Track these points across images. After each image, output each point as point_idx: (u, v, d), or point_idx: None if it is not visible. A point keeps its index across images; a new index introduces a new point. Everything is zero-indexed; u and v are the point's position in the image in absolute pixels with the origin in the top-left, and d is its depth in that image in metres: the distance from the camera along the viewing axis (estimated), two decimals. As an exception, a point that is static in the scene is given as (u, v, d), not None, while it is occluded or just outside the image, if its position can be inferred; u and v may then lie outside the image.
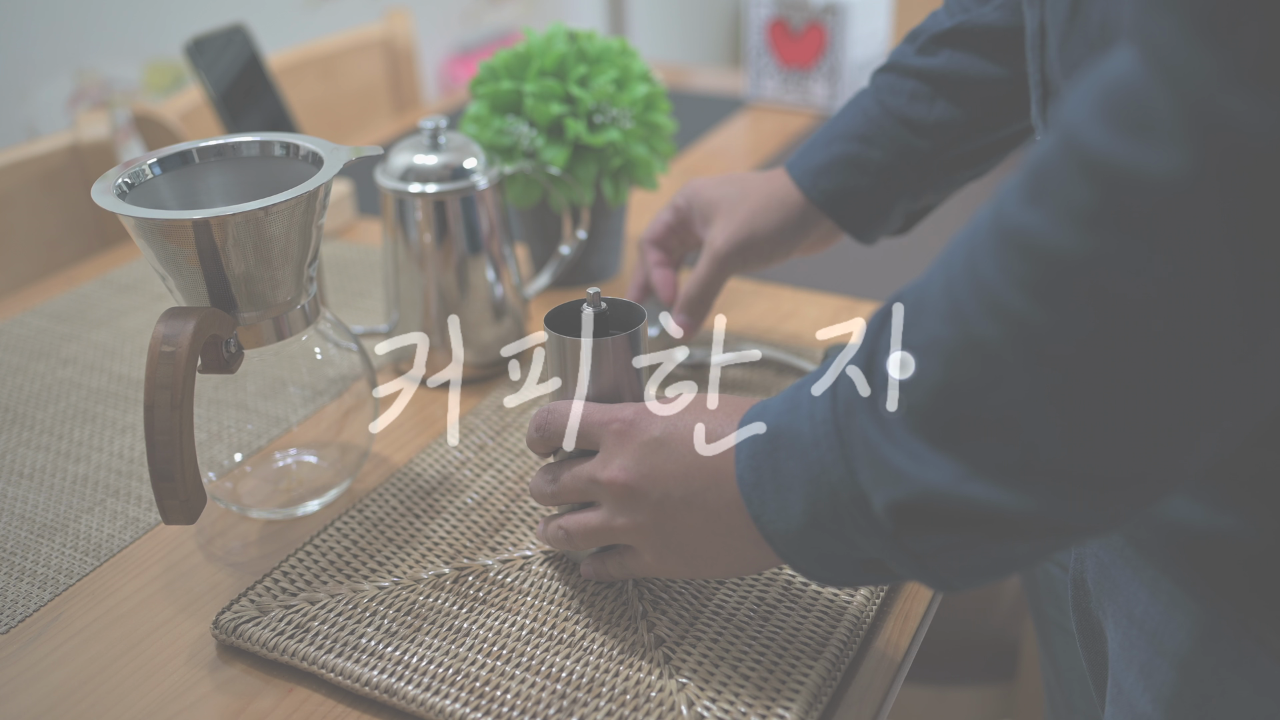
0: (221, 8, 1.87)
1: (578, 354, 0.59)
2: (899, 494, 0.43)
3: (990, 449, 0.41)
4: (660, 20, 3.10)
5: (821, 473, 0.46)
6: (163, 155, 0.66)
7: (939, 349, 0.41)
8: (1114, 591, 0.57)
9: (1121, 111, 0.35)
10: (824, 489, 0.46)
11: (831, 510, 0.46)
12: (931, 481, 0.42)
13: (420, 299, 0.82)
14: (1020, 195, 0.39)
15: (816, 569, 0.49)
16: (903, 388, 0.43)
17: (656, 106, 0.95)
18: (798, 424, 0.48)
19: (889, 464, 0.43)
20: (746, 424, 0.51)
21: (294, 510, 0.71)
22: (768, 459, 0.49)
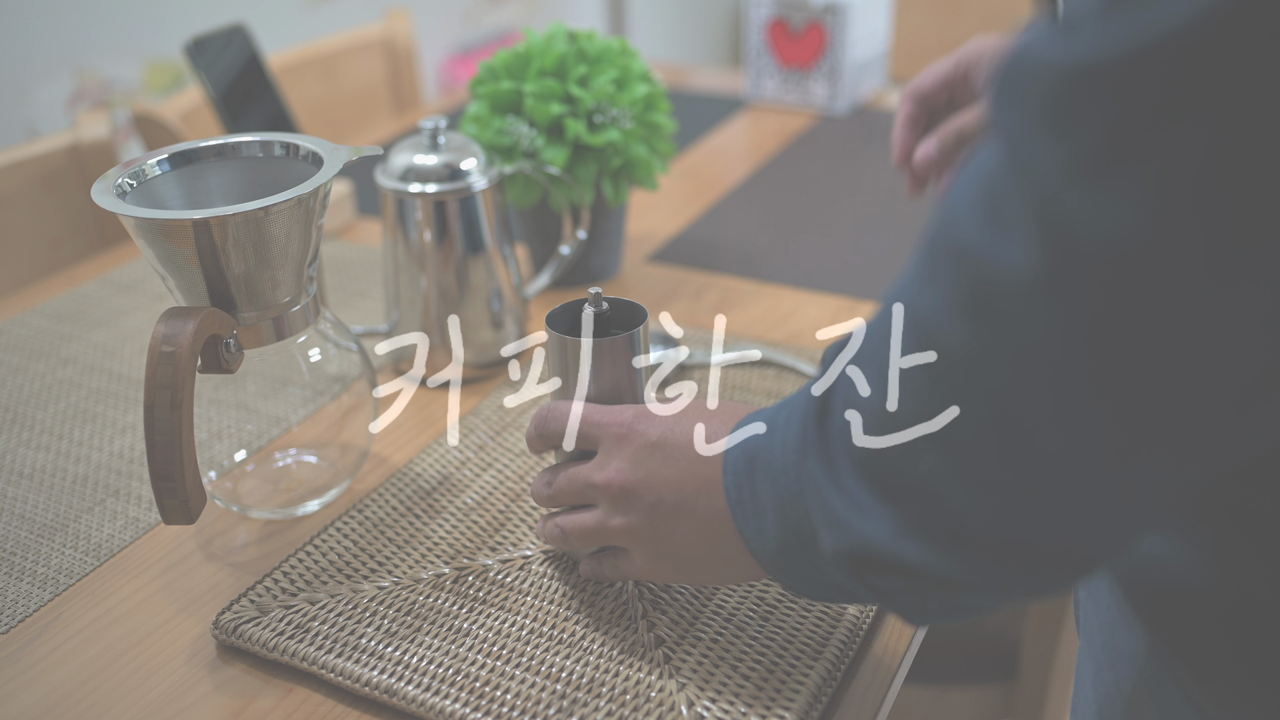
0: (221, 8, 1.87)
1: (578, 354, 0.59)
2: (841, 542, 0.43)
3: (923, 510, 0.41)
4: (660, 20, 3.10)
5: (789, 502, 0.47)
6: (163, 155, 0.66)
7: (871, 408, 0.42)
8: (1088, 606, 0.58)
9: (987, 203, 0.35)
10: (791, 518, 0.47)
11: (798, 539, 0.47)
12: (868, 534, 0.42)
13: (420, 299, 0.82)
14: (920, 273, 0.39)
15: (798, 586, 0.50)
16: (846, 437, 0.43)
17: (656, 106, 0.95)
18: (772, 447, 0.48)
19: (832, 510, 0.44)
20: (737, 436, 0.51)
21: (294, 510, 0.71)
22: (746, 478, 0.49)
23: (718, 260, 1.04)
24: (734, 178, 1.24)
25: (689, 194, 1.20)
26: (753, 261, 1.04)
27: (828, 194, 1.19)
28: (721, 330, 0.90)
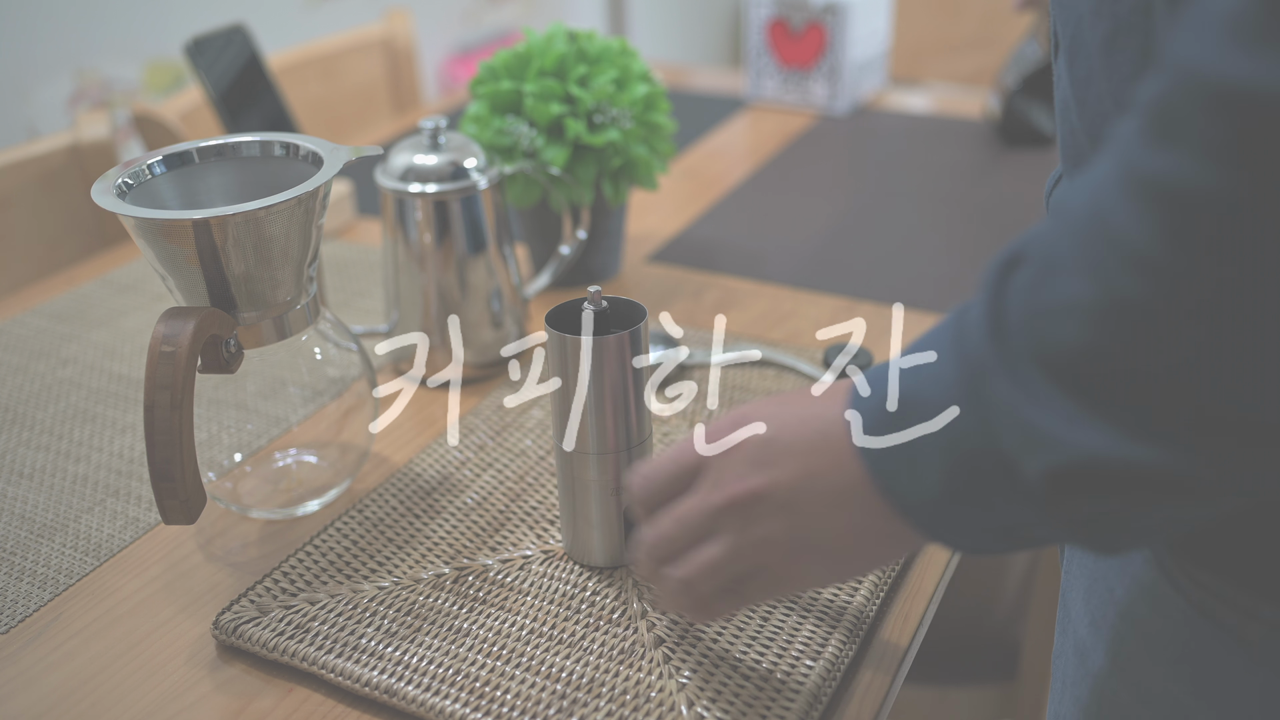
0: (221, 8, 1.87)
1: (579, 353, 0.59)
2: (1054, 460, 0.39)
3: (1150, 410, 0.38)
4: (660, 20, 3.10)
5: (958, 440, 0.42)
6: (163, 155, 0.66)
7: (1081, 311, 0.38)
8: None
9: (1248, 30, 0.33)
10: (962, 458, 0.43)
11: (971, 480, 0.43)
12: (1091, 446, 0.38)
13: (420, 299, 0.82)
14: (1146, 141, 0.36)
15: (957, 538, 0.45)
16: (1038, 351, 0.40)
17: (656, 106, 0.95)
18: (923, 390, 0.44)
19: (1038, 429, 0.39)
20: (856, 390, 0.47)
21: (294, 510, 0.71)
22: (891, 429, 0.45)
23: (718, 260, 1.04)
24: (734, 178, 1.24)
25: (689, 194, 1.20)
26: (753, 261, 1.04)
27: (828, 194, 1.19)
28: (721, 330, 0.90)
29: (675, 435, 0.76)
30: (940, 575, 0.65)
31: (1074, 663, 0.58)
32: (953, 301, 0.95)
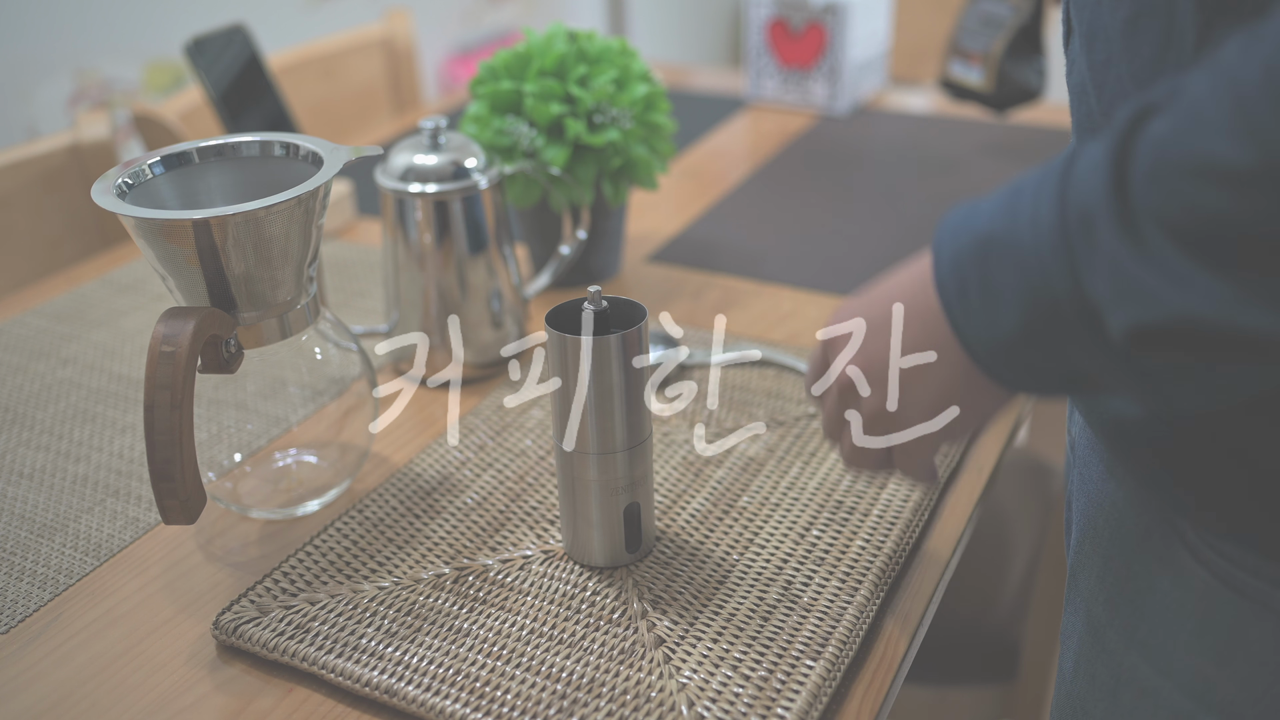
0: (221, 8, 1.87)
1: (579, 353, 0.59)
2: (1147, 316, 0.39)
3: (1274, 277, 0.37)
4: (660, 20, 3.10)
5: (1043, 284, 0.42)
6: (163, 155, 0.66)
7: (1231, 176, 0.36)
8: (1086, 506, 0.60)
9: None
10: (1044, 302, 0.42)
11: (1049, 325, 0.43)
12: (1194, 306, 0.38)
13: (420, 299, 0.82)
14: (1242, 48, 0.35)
15: (1021, 378, 0.46)
16: (1167, 210, 0.38)
17: (656, 106, 0.95)
18: (1017, 230, 0.43)
19: (1139, 283, 0.39)
20: (948, 229, 0.48)
21: (294, 510, 0.71)
22: (975, 266, 0.45)
23: (718, 260, 1.04)
24: (734, 178, 1.24)
25: (689, 194, 1.20)
26: (753, 261, 1.04)
27: (828, 194, 1.19)
28: (721, 330, 0.90)
29: (675, 435, 0.76)
30: (940, 575, 0.65)
31: (1088, 641, 0.58)
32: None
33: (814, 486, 0.71)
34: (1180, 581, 0.52)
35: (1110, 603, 0.56)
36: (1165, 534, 0.52)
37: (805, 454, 0.74)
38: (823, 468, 0.72)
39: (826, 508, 0.69)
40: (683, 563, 0.65)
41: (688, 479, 0.72)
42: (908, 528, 0.67)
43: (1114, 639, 0.56)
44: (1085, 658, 0.59)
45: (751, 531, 0.67)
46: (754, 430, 0.76)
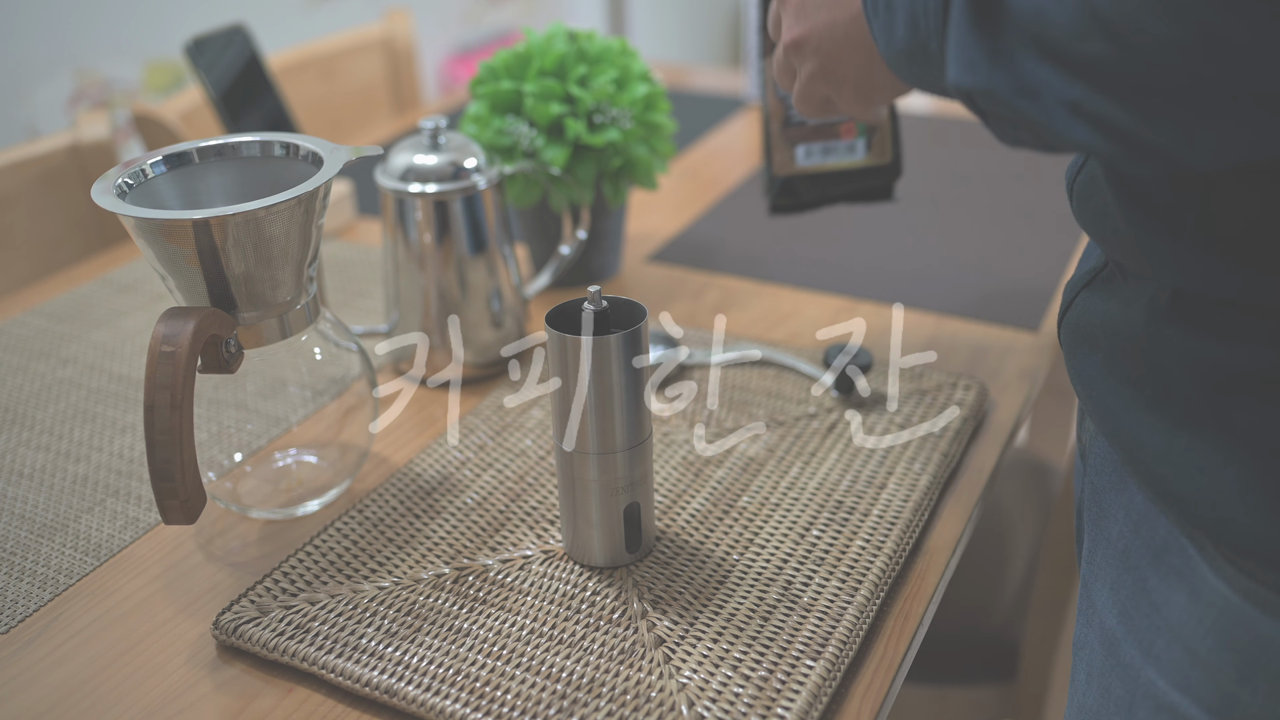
0: (221, 8, 1.87)
1: (579, 352, 0.59)
2: (966, 81, 0.46)
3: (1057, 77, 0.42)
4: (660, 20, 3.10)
5: (922, 14, 0.48)
6: (162, 155, 0.66)
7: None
8: (1099, 516, 0.59)
9: None
10: (919, 31, 0.49)
11: (923, 51, 0.49)
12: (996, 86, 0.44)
13: (420, 299, 0.82)
14: None
15: (915, 82, 0.53)
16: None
17: (656, 106, 0.95)
18: None
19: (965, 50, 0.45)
20: None
21: (294, 510, 0.71)
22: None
23: (718, 260, 1.04)
24: (734, 178, 1.24)
25: (689, 194, 1.20)
26: (753, 261, 1.04)
27: (828, 194, 1.19)
28: (721, 330, 0.90)
29: (675, 435, 0.77)
30: (940, 575, 0.66)
31: (1100, 654, 0.58)
32: (952, 301, 0.95)
33: (814, 486, 0.71)
34: (1199, 597, 0.51)
35: (1124, 615, 0.56)
36: (1182, 548, 0.52)
37: (805, 454, 0.74)
38: (823, 468, 0.72)
39: (826, 508, 0.69)
40: (683, 563, 0.65)
41: (688, 479, 0.72)
42: (908, 528, 0.67)
43: (1130, 652, 0.56)
44: (1099, 670, 0.58)
45: (751, 531, 0.67)
46: (754, 430, 0.76)
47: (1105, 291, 0.56)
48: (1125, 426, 0.53)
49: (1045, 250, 1.04)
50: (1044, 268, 1.00)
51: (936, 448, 0.74)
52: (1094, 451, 0.62)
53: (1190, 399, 0.50)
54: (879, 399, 0.79)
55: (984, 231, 1.08)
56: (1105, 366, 0.55)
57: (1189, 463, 0.50)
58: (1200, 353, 0.49)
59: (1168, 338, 0.50)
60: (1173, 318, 0.50)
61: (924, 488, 0.70)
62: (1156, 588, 0.53)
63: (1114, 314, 0.55)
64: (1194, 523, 0.50)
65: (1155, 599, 0.53)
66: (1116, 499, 0.57)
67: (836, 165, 0.83)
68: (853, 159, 0.83)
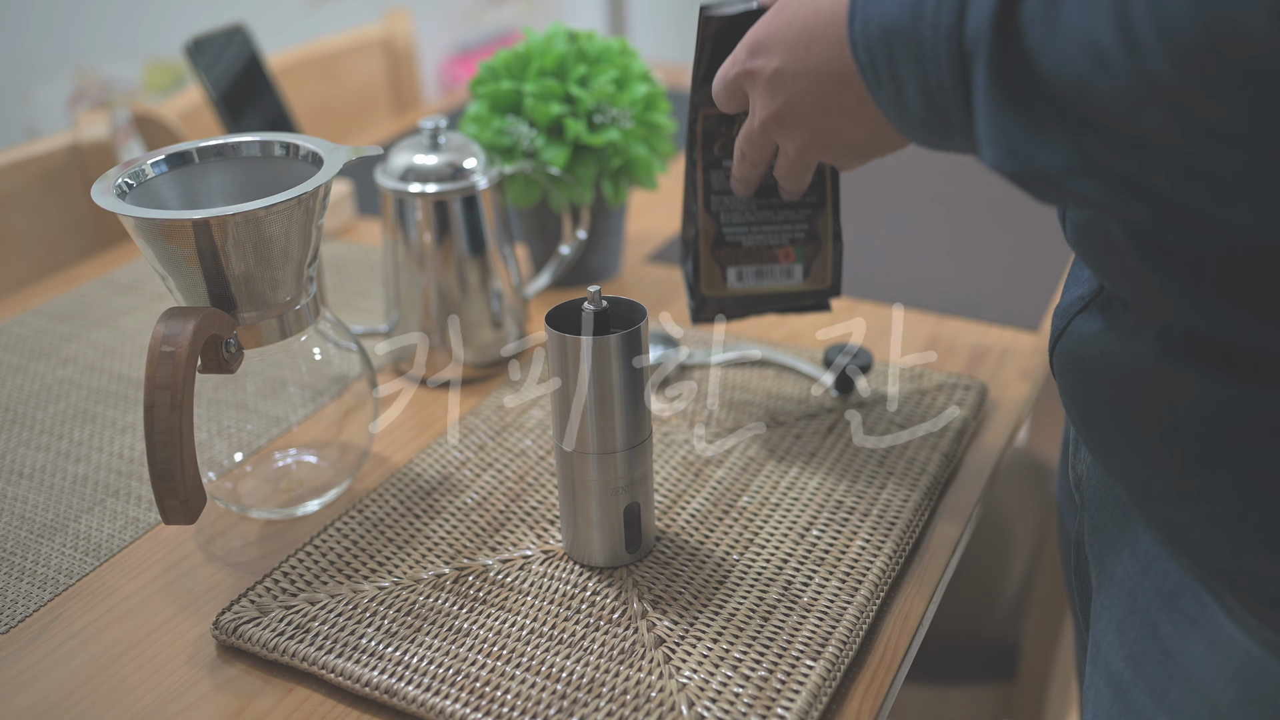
0: (221, 8, 1.87)
1: (579, 352, 0.59)
2: (1011, 167, 0.42)
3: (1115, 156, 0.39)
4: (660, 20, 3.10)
5: (939, 91, 0.44)
6: (162, 155, 0.66)
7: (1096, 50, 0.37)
8: (1102, 553, 0.57)
9: None
10: (938, 106, 0.45)
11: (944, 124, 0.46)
12: (1044, 165, 0.40)
13: (420, 299, 0.82)
14: None
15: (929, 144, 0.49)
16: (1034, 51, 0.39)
17: (656, 106, 0.95)
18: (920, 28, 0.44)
19: (1005, 132, 0.41)
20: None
21: (294, 510, 0.71)
22: (883, 51, 0.46)
23: (718, 260, 1.04)
24: (734, 178, 1.24)
25: (689, 194, 1.20)
26: (753, 261, 1.04)
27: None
28: (721, 330, 0.90)
29: (675, 435, 0.77)
30: (940, 575, 0.65)
31: (1108, 697, 0.55)
32: (952, 301, 0.95)
33: (814, 486, 0.71)
34: (1217, 648, 0.48)
35: (1133, 659, 0.53)
36: (1196, 594, 0.49)
37: (805, 454, 0.74)
38: (823, 468, 0.72)
39: (826, 508, 0.69)
40: (683, 563, 0.65)
41: (688, 479, 0.72)
42: (908, 528, 0.67)
43: (1140, 699, 0.53)
44: (1106, 714, 0.56)
45: (751, 531, 0.67)
46: (754, 430, 0.76)
47: (1104, 320, 0.53)
48: (1131, 466, 0.50)
49: (1045, 250, 1.04)
50: (1044, 268, 1.00)
51: (936, 448, 0.74)
52: (1091, 485, 0.59)
53: (1203, 439, 0.46)
54: (879, 399, 0.79)
55: (984, 231, 1.08)
56: (1106, 400, 0.52)
57: (1204, 508, 0.47)
58: (1218, 394, 0.46)
59: (1181, 376, 0.47)
60: (1187, 357, 0.47)
61: (924, 488, 0.70)
62: (1169, 634, 0.50)
63: (1116, 346, 0.51)
64: (1211, 572, 0.47)
65: (1168, 646, 0.51)
66: (1120, 537, 0.55)
67: (770, 288, 0.74)
68: (789, 283, 0.73)
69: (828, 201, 0.71)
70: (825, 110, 0.53)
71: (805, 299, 0.75)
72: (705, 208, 0.70)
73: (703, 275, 0.72)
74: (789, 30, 0.53)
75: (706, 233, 0.71)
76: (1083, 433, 0.54)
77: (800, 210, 0.71)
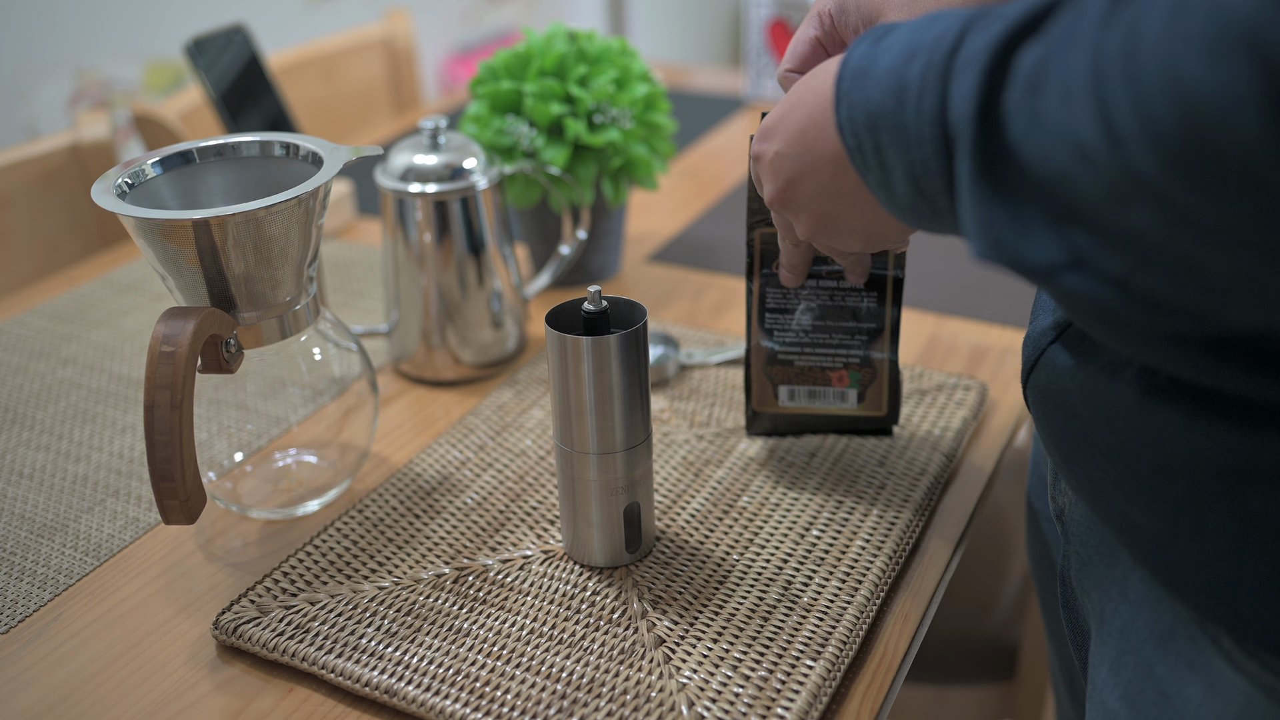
0: (221, 8, 1.87)
1: (579, 352, 0.59)
2: (993, 257, 0.41)
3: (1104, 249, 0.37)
4: (660, 20, 3.10)
5: (924, 178, 0.44)
6: (163, 155, 0.66)
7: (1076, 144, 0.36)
8: (1092, 589, 0.56)
9: None
10: (925, 191, 0.44)
11: (931, 209, 0.45)
12: (1031, 259, 0.39)
13: (420, 299, 0.82)
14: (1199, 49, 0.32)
15: (923, 227, 0.48)
16: (1018, 143, 0.38)
17: (656, 106, 0.95)
18: (904, 115, 0.44)
19: (988, 223, 0.40)
20: (846, 77, 0.47)
21: (294, 510, 0.71)
22: (869, 136, 0.46)
23: (718, 260, 1.04)
24: (734, 178, 1.24)
25: (689, 194, 1.20)
26: (753, 261, 1.04)
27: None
28: (721, 330, 0.90)
29: (675, 435, 0.76)
30: (940, 575, 0.65)
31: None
32: (952, 301, 0.95)
33: (814, 486, 0.71)
34: (1217, 692, 0.46)
35: (1129, 700, 0.51)
36: (1192, 637, 0.47)
37: (805, 454, 0.74)
38: (823, 467, 0.72)
39: (826, 508, 0.69)
40: (683, 563, 0.65)
41: (688, 479, 0.72)
42: (908, 528, 0.67)
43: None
44: None
45: (751, 531, 0.67)
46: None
47: (1079, 352, 0.51)
48: (1117, 506, 0.48)
49: (1045, 250, 1.04)
50: (1044, 268, 1.00)
51: (936, 448, 0.74)
52: (1075, 519, 0.58)
53: (1194, 479, 0.45)
54: (879, 399, 0.79)
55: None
56: (1087, 438, 0.50)
57: (1198, 551, 0.45)
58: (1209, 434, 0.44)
59: (1169, 416, 0.45)
60: (1176, 396, 0.45)
61: (924, 488, 0.70)
62: (1165, 676, 0.49)
63: (1095, 383, 0.49)
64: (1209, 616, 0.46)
65: (1164, 688, 0.49)
66: (1108, 574, 0.53)
67: (823, 410, 0.72)
68: (842, 407, 0.71)
69: (885, 328, 0.69)
70: (825, 194, 0.53)
71: (861, 424, 0.72)
72: (759, 324, 0.70)
73: (754, 391, 0.72)
74: (791, 116, 0.53)
75: (759, 349, 0.71)
76: (1064, 470, 0.53)
77: (857, 335, 0.69)
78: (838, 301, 0.68)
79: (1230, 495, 0.44)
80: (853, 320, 0.69)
